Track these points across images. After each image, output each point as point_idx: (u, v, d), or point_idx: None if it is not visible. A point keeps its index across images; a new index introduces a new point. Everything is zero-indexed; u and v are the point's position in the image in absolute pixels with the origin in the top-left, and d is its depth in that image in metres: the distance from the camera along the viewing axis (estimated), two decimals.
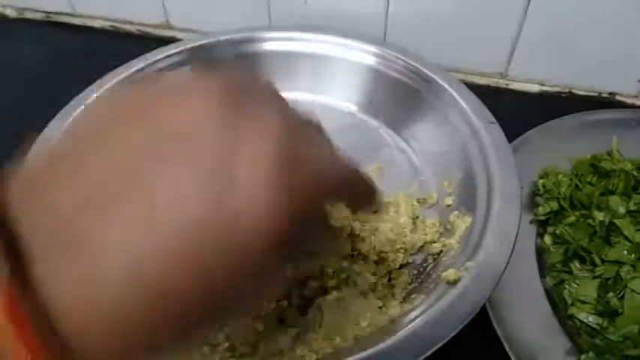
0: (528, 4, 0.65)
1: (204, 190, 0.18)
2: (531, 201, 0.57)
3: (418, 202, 0.55)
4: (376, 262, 0.48)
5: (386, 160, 0.60)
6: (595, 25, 0.65)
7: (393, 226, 0.51)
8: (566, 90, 0.72)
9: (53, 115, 0.58)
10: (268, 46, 0.66)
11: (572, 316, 0.47)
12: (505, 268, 0.43)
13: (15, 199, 0.19)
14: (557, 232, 0.52)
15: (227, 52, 0.66)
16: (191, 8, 0.81)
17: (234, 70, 0.23)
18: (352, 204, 0.26)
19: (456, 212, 0.51)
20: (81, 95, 0.60)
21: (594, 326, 0.46)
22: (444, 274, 0.44)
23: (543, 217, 0.54)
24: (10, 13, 0.91)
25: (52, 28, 0.88)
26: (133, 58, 0.65)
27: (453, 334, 0.39)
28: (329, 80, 0.66)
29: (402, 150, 0.62)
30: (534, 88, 0.73)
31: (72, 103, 0.59)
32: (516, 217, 0.46)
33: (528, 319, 0.47)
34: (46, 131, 0.56)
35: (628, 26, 0.64)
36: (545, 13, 0.65)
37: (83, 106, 0.59)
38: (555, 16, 0.65)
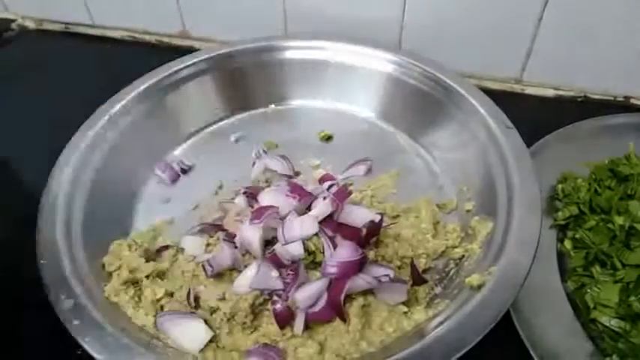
0: (543, 10, 0.65)
1: None
2: (550, 205, 0.57)
3: (438, 207, 0.55)
4: (399, 268, 0.49)
5: (404, 166, 0.61)
6: (609, 29, 0.65)
7: (415, 232, 0.52)
8: (581, 94, 0.73)
9: (77, 127, 0.59)
10: (288, 54, 0.67)
11: (594, 320, 0.47)
12: (528, 272, 0.43)
13: None
14: (578, 236, 0.53)
15: (247, 60, 0.67)
16: (208, 17, 0.82)
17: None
18: None
19: (477, 217, 0.52)
20: (104, 106, 0.61)
21: (617, 330, 0.46)
22: (467, 279, 0.44)
23: (563, 222, 0.54)
24: (29, 24, 0.93)
25: (70, 39, 0.90)
26: (152, 67, 0.66)
27: (478, 339, 0.40)
28: (347, 87, 0.67)
29: (420, 156, 0.62)
30: (549, 92, 0.74)
31: (96, 113, 0.61)
32: (538, 223, 0.47)
33: (551, 322, 0.47)
34: (72, 141, 0.58)
35: None
36: (560, 18, 0.66)
37: (108, 117, 0.60)
38: (569, 22, 0.66)
